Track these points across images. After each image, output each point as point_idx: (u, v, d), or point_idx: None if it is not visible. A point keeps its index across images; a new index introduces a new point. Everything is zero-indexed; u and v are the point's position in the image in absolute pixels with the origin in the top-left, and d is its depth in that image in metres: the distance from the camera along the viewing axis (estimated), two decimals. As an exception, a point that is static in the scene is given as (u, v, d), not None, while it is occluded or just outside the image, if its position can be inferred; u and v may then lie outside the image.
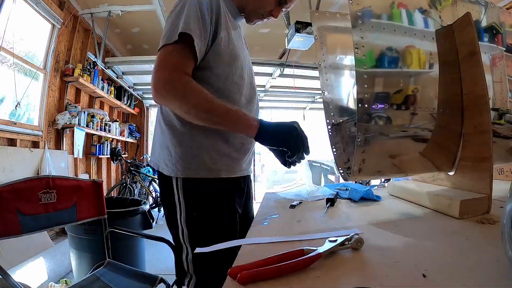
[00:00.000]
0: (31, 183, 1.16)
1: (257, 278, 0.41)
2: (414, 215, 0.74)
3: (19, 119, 2.87)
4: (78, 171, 3.76)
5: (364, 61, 0.64)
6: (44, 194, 1.19)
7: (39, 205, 1.16)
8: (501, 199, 0.81)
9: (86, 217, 1.33)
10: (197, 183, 0.83)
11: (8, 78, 2.69)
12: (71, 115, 3.43)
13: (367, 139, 0.65)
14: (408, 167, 0.75)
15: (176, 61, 0.75)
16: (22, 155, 2.73)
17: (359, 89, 0.63)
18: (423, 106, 0.73)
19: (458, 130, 0.76)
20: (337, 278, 0.42)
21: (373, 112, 0.66)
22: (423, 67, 0.75)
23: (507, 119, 0.86)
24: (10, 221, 1.06)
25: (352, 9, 0.65)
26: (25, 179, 1.14)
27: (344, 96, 0.97)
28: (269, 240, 0.60)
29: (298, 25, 2.93)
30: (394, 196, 0.98)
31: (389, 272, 0.42)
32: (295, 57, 4.51)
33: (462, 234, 0.57)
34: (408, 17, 0.74)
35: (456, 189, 0.78)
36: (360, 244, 0.51)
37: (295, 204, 0.91)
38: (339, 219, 0.75)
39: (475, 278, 0.39)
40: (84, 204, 1.32)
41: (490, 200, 0.69)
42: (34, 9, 2.89)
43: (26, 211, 1.11)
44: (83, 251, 1.84)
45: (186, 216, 0.83)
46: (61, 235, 3.00)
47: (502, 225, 0.40)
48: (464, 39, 0.73)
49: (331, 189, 1.10)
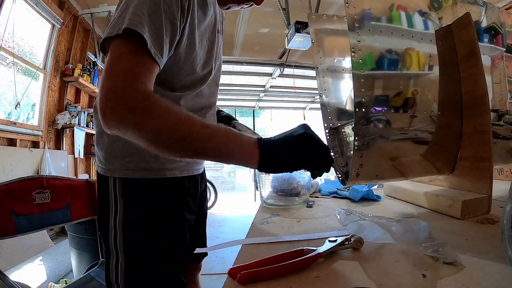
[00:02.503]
0: (25, 183, 1.15)
1: (257, 278, 0.41)
2: (414, 215, 0.74)
3: (19, 119, 2.87)
4: (78, 171, 3.76)
5: (361, 64, 0.64)
6: (38, 194, 1.18)
7: (33, 205, 1.16)
8: (501, 199, 0.81)
9: (80, 217, 1.33)
10: (137, 183, 0.71)
11: (8, 78, 2.69)
12: (71, 115, 3.43)
13: (365, 143, 0.65)
14: (408, 170, 0.75)
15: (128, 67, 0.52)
16: (22, 155, 2.73)
17: (356, 93, 0.63)
18: (422, 108, 0.73)
19: (458, 131, 0.76)
20: (337, 278, 0.42)
21: (370, 116, 0.66)
22: (423, 69, 0.75)
23: (506, 120, 0.86)
24: (4, 221, 1.05)
25: (348, 12, 0.65)
26: (19, 179, 1.13)
27: (341, 100, 0.97)
28: (269, 240, 0.60)
29: (298, 25, 2.93)
30: (391, 196, 0.98)
31: (389, 272, 0.42)
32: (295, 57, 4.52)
33: (462, 234, 0.58)
34: (408, 20, 0.74)
35: (455, 189, 0.78)
36: (360, 244, 0.51)
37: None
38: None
39: (475, 278, 0.39)
40: (78, 204, 1.32)
41: (490, 200, 0.69)
42: (34, 9, 2.89)
43: (21, 211, 1.10)
44: (83, 251, 1.84)
45: (122, 219, 0.70)
46: (61, 235, 3.00)
47: (502, 225, 0.40)
48: (463, 39, 0.73)
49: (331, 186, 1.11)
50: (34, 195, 1.17)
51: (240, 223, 4.48)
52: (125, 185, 0.71)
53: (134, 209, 0.71)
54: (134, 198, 0.71)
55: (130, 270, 0.70)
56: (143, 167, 0.71)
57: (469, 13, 0.72)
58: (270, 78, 5.05)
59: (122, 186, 0.71)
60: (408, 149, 0.75)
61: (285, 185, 0.93)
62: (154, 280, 0.71)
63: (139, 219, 0.71)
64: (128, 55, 0.53)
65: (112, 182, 0.71)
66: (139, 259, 0.71)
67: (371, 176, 0.70)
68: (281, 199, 0.93)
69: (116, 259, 0.70)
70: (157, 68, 0.57)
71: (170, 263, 0.74)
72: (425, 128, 0.74)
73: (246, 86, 5.75)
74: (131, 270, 0.70)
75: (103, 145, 0.73)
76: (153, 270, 0.71)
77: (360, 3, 0.66)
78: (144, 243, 0.71)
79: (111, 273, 0.71)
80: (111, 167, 0.72)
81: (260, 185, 0.94)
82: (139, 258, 0.71)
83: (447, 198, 0.72)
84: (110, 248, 0.71)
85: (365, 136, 0.65)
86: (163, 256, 0.72)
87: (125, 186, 0.71)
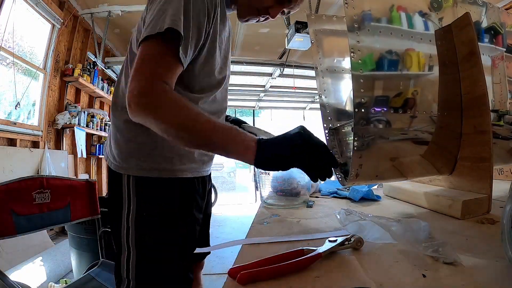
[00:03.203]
0: (25, 183, 1.15)
1: (257, 278, 0.41)
2: (413, 215, 0.74)
3: (19, 119, 2.87)
4: (78, 171, 3.76)
5: (360, 65, 0.64)
6: (38, 194, 1.18)
7: (33, 205, 1.16)
8: (501, 199, 0.81)
9: (80, 217, 1.33)
10: (151, 182, 0.73)
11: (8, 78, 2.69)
12: (71, 115, 3.44)
13: (365, 144, 0.65)
14: (408, 171, 0.75)
15: (155, 66, 0.60)
16: (22, 155, 2.73)
17: (355, 93, 0.63)
18: (422, 108, 0.73)
19: (457, 131, 0.76)
20: (337, 278, 0.42)
21: (370, 117, 0.66)
22: (422, 69, 0.75)
23: (506, 120, 0.86)
24: (4, 221, 1.05)
25: (348, 12, 0.65)
26: (19, 179, 1.14)
27: (341, 100, 0.97)
28: (269, 240, 0.60)
29: (298, 25, 2.93)
30: (390, 196, 0.98)
31: (389, 272, 0.43)
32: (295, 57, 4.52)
33: (462, 234, 0.58)
34: (408, 20, 0.74)
35: (455, 189, 0.78)
36: (360, 244, 0.51)
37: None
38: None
39: (475, 278, 0.40)
40: (77, 204, 1.32)
41: (490, 200, 0.69)
42: (34, 9, 2.89)
43: (21, 211, 1.11)
44: (83, 251, 1.84)
45: (135, 216, 0.72)
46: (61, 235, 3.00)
47: (502, 225, 0.40)
48: (463, 39, 0.73)
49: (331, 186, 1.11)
50: (34, 195, 1.17)
51: (240, 223, 4.48)
52: (139, 183, 0.73)
53: (147, 207, 0.73)
54: (148, 196, 0.74)
55: (142, 266, 0.72)
56: (156, 167, 0.74)
57: (469, 13, 0.72)
58: (270, 78, 5.05)
59: (136, 183, 0.73)
60: (408, 149, 0.75)
61: (285, 185, 0.93)
62: (167, 277, 0.73)
63: (153, 217, 0.73)
64: (157, 55, 0.61)
65: (126, 179, 0.74)
66: (153, 256, 0.72)
67: (371, 176, 0.70)
68: (281, 199, 0.93)
69: (128, 255, 0.72)
70: (181, 68, 0.64)
71: (184, 261, 0.76)
72: (425, 129, 0.74)
73: (246, 86, 5.75)
74: (143, 266, 0.72)
75: (118, 143, 0.75)
76: (167, 267, 0.73)
77: (360, 3, 0.66)
78: (158, 241, 0.72)
79: (121, 268, 0.72)
80: (125, 165, 0.74)
81: (260, 185, 0.95)
82: (153, 255, 0.72)
83: (447, 198, 0.72)
84: (121, 244, 0.73)
85: (365, 136, 0.65)
86: (178, 254, 0.75)
87: (139, 184, 0.73)
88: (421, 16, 0.76)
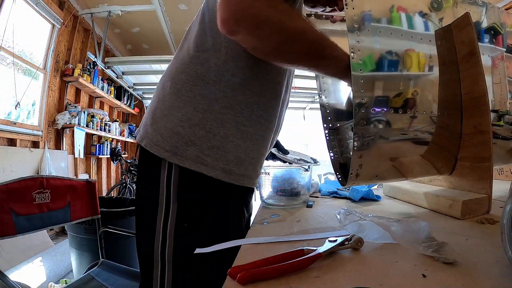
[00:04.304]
0: (25, 183, 1.15)
1: (257, 278, 0.41)
2: (413, 215, 0.74)
3: (19, 119, 2.87)
4: (78, 171, 3.76)
5: (360, 65, 0.64)
6: (38, 194, 1.19)
7: (33, 205, 1.16)
8: (501, 199, 0.81)
9: (80, 217, 1.33)
10: (205, 184, 0.59)
11: (7, 78, 2.69)
12: (71, 115, 3.44)
13: (365, 144, 0.65)
14: (408, 171, 0.75)
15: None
16: (22, 155, 2.73)
17: (355, 94, 0.63)
18: (422, 108, 0.73)
19: (457, 131, 0.76)
20: (337, 278, 0.42)
21: (370, 117, 0.66)
22: (422, 69, 0.75)
23: (506, 120, 0.86)
24: (4, 221, 1.06)
25: (348, 12, 0.65)
26: (19, 179, 1.14)
27: (341, 100, 0.97)
28: (269, 240, 0.60)
29: (298, 25, 2.93)
30: (390, 196, 0.98)
31: (389, 272, 0.42)
32: (295, 57, 4.51)
33: (462, 234, 0.58)
34: (408, 21, 0.74)
35: (455, 189, 0.78)
36: (360, 244, 0.51)
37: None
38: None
39: (475, 278, 0.40)
40: (77, 204, 1.33)
41: (490, 200, 0.69)
42: (34, 9, 2.89)
43: (21, 211, 1.11)
44: (83, 251, 1.84)
45: (175, 225, 0.59)
46: (61, 235, 3.00)
47: (502, 225, 0.40)
48: (463, 39, 0.73)
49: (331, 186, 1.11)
50: (34, 195, 1.17)
51: (240, 223, 4.47)
52: (187, 181, 0.59)
53: (191, 215, 0.59)
54: (194, 200, 0.59)
55: (179, 283, 0.60)
56: (222, 167, 0.59)
57: (469, 13, 0.72)
58: (270, 78, 5.04)
59: (179, 178, 0.58)
60: (408, 149, 0.75)
61: (285, 185, 0.93)
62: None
63: (198, 229, 0.59)
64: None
65: (166, 171, 0.58)
66: (195, 276, 0.60)
67: (371, 176, 0.70)
68: (281, 199, 0.93)
69: (162, 271, 0.59)
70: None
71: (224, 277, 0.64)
72: (425, 129, 0.75)
73: (246, 86, 5.74)
74: (180, 284, 0.60)
75: (174, 122, 0.59)
76: (206, 284, 0.60)
77: (360, 4, 0.66)
78: (204, 258, 0.56)
79: (153, 285, 0.60)
80: (178, 151, 0.57)
81: (260, 185, 0.94)
82: (194, 274, 0.60)
83: (447, 198, 0.72)
84: (153, 259, 0.59)
85: (365, 136, 0.65)
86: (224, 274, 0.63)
87: (187, 181, 0.59)
88: (421, 17, 0.76)
